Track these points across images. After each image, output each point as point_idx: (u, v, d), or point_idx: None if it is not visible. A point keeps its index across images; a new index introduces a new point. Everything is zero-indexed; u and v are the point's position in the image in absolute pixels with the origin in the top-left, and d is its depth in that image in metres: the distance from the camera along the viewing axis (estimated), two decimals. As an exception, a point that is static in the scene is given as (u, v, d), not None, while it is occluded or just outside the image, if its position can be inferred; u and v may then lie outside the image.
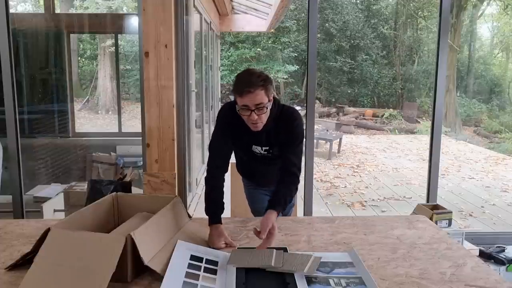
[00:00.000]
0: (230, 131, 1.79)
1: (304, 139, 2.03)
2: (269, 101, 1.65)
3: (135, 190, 2.99)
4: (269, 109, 1.66)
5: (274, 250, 1.44)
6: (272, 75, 15.40)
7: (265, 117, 1.67)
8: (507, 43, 17.91)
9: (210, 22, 6.92)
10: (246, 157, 1.94)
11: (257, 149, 1.84)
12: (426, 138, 10.31)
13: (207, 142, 5.15)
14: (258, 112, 1.62)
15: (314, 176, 3.92)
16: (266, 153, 1.84)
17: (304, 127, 2.00)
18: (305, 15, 11.17)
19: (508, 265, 2.87)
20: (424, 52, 17.68)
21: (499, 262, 2.89)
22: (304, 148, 3.20)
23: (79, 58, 13.85)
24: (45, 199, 3.52)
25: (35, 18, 6.60)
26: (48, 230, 1.31)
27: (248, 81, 1.60)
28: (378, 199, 5.75)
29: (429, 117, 13.02)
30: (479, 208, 5.39)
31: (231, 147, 1.85)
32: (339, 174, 7.32)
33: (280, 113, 1.75)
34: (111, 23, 6.30)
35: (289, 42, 16.24)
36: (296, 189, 1.77)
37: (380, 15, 17.55)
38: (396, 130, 13.18)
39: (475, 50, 17.71)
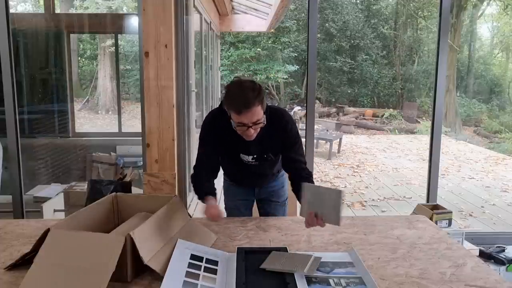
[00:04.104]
0: (217, 142, 1.77)
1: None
2: (264, 113, 1.62)
3: (135, 190, 2.99)
4: (264, 123, 1.64)
5: (313, 256, 1.42)
6: (272, 75, 15.41)
7: (259, 129, 1.66)
8: (507, 43, 17.92)
9: (210, 22, 6.92)
10: (233, 163, 1.91)
11: (245, 157, 1.83)
12: (426, 138, 10.31)
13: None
14: (255, 127, 1.62)
15: (314, 176, 3.92)
16: (253, 161, 1.84)
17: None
18: (305, 15, 11.17)
19: (508, 265, 2.87)
20: (424, 52, 17.68)
21: (499, 262, 2.89)
22: (303, 148, 3.22)
23: (79, 58, 13.85)
24: (45, 199, 3.52)
25: (35, 18, 6.59)
26: (48, 230, 1.31)
27: (244, 98, 1.55)
28: (378, 199, 5.75)
29: (429, 117, 13.02)
30: (479, 208, 5.39)
31: (218, 158, 1.85)
32: (339, 174, 7.32)
33: (269, 118, 1.70)
34: (111, 23, 6.30)
35: (289, 42, 16.23)
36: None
37: (380, 15, 17.55)
38: (396, 130, 13.18)
39: (475, 50, 17.72)
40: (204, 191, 1.72)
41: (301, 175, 1.74)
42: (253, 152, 1.80)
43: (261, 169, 1.92)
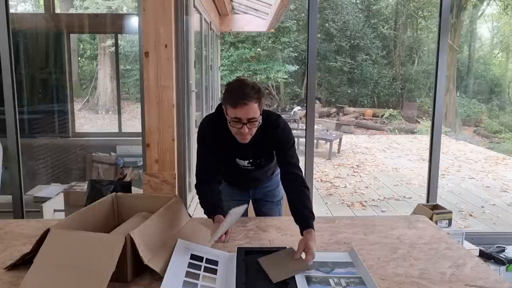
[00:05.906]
0: (214, 145, 1.76)
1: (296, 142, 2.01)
2: (260, 114, 1.62)
3: (135, 190, 2.99)
4: (260, 122, 1.63)
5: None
6: (272, 75, 15.41)
7: (254, 130, 1.64)
8: (507, 43, 17.91)
9: (210, 22, 6.93)
10: (229, 167, 1.89)
11: (241, 162, 1.83)
12: (426, 138, 10.31)
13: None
14: (250, 126, 1.60)
15: (314, 176, 3.92)
16: (249, 166, 1.83)
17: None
18: (305, 15, 11.16)
19: (508, 265, 2.87)
20: (424, 52, 17.67)
21: (499, 262, 2.89)
22: (304, 148, 3.22)
23: (79, 58, 13.84)
24: (45, 199, 3.52)
25: (35, 18, 6.59)
26: (48, 230, 1.31)
27: (243, 93, 1.55)
28: (378, 199, 5.75)
29: (429, 117, 13.01)
30: (479, 208, 5.38)
31: (217, 162, 1.82)
32: (339, 174, 7.31)
33: (264, 123, 1.69)
34: (111, 23, 6.30)
35: (289, 42, 16.23)
36: (308, 188, 1.72)
37: (380, 15, 17.56)
38: (396, 130, 13.18)
39: (475, 50, 17.71)
40: (210, 210, 1.70)
41: (293, 187, 1.69)
42: (248, 156, 1.79)
43: (257, 173, 1.92)
